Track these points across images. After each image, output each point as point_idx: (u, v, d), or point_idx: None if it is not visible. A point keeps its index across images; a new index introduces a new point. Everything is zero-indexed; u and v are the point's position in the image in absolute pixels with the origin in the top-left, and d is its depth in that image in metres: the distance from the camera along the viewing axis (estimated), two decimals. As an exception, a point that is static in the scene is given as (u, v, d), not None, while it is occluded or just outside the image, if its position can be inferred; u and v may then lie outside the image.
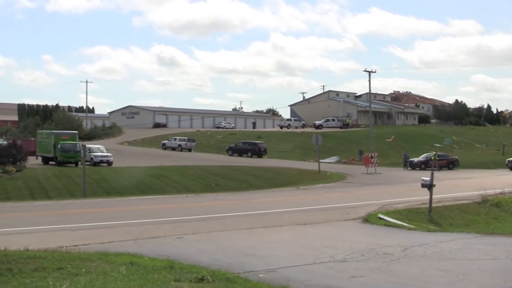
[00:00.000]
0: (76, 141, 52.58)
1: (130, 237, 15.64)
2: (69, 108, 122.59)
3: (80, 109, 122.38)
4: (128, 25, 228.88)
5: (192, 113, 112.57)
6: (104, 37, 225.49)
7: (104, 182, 38.94)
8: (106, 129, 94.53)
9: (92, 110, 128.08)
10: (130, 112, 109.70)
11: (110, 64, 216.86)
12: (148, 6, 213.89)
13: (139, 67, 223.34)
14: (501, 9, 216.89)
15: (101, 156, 50.53)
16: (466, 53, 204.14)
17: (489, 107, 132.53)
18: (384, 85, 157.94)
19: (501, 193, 27.28)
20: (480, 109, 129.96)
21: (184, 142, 70.20)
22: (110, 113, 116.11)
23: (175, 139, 72.25)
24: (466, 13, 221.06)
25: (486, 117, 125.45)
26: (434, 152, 55.28)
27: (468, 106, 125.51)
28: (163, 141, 73.14)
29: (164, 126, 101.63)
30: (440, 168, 51.70)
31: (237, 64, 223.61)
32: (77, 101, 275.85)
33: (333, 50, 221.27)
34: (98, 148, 52.87)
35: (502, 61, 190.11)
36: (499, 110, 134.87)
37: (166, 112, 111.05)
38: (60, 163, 48.93)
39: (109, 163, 49.93)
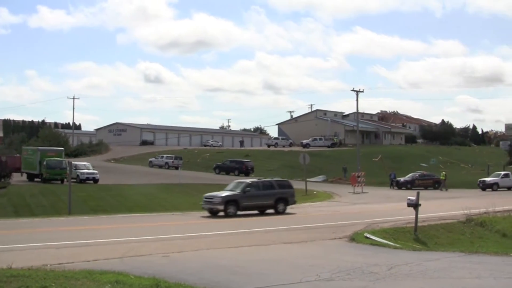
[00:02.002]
0: (62, 158, 52.39)
1: (116, 255, 15.56)
2: (56, 124, 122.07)
3: (66, 126, 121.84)
4: (113, 42, 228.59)
5: (179, 131, 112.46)
6: (89, 54, 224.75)
7: (90, 200, 38.75)
8: (93, 146, 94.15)
9: (78, 127, 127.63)
10: (117, 129, 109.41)
11: (96, 80, 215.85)
12: (132, 22, 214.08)
13: (125, 84, 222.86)
14: (482, 30, 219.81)
15: (87, 173, 50.35)
16: (450, 74, 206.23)
17: (474, 127, 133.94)
18: (370, 105, 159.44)
19: (485, 213, 27.47)
20: (466, 129, 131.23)
21: (171, 160, 70.10)
22: (97, 130, 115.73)
23: (162, 156, 72.12)
24: (448, 33, 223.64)
25: (471, 137, 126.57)
26: (444, 172, 55.55)
27: (454, 127, 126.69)
28: (150, 159, 72.95)
29: (151, 143, 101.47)
30: (426, 187, 51.98)
31: (223, 82, 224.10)
32: (63, 118, 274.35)
33: (318, 69, 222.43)
34: (84, 165, 52.69)
35: (485, 82, 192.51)
36: (484, 131, 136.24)
37: (153, 129, 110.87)
38: (45, 180, 48.66)
39: (95, 181, 49.74)
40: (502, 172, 54.93)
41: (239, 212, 29.20)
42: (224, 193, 29.91)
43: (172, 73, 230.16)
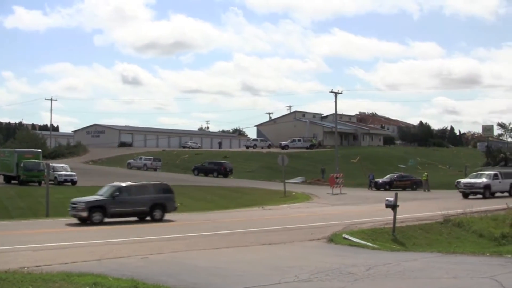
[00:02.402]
0: (39, 159, 51.75)
1: (94, 257, 15.47)
2: (33, 126, 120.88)
3: (44, 127, 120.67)
4: (90, 43, 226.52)
5: (158, 133, 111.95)
6: (66, 55, 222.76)
7: (68, 202, 38.27)
8: (71, 147, 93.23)
9: (56, 129, 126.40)
10: (95, 130, 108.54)
11: (73, 82, 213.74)
12: (110, 24, 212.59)
13: (103, 85, 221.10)
14: (459, 33, 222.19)
15: (65, 175, 49.86)
16: (427, 75, 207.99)
17: (452, 129, 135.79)
18: (349, 106, 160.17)
19: (462, 213, 27.75)
20: (443, 130, 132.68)
21: (150, 162, 69.74)
22: (75, 131, 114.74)
23: (141, 158, 71.72)
24: (426, 36, 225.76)
25: (449, 138, 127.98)
26: (426, 173, 55.84)
27: (432, 128, 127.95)
28: (129, 161, 72.49)
29: (130, 145, 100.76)
30: (404, 188, 52.36)
31: (201, 84, 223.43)
32: (41, 119, 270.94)
33: (297, 70, 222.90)
34: (62, 167, 52.14)
35: (462, 84, 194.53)
36: (461, 132, 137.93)
37: (131, 131, 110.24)
38: (23, 182, 48.05)
39: (74, 182, 49.29)
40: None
41: (107, 220, 26.24)
42: (89, 198, 27.14)
43: (150, 75, 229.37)
